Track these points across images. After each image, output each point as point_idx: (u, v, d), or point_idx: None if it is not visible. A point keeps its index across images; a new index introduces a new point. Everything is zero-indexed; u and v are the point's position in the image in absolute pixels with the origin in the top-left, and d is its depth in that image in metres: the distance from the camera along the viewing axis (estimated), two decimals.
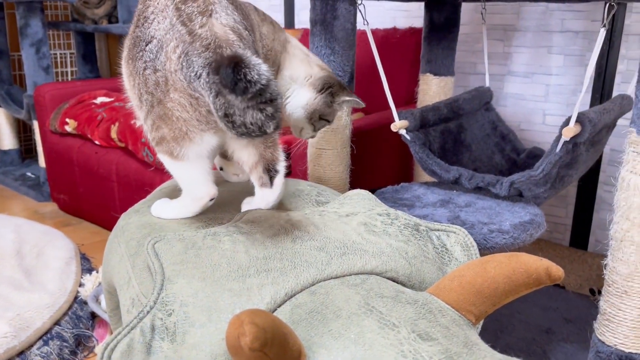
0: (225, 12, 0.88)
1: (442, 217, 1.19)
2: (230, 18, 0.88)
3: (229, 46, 0.83)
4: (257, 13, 1.10)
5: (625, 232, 1.00)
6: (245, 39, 0.88)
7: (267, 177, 0.95)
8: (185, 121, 0.88)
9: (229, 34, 0.85)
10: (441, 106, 1.47)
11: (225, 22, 0.87)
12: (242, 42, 0.85)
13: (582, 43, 1.93)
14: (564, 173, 1.23)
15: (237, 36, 0.86)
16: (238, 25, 0.88)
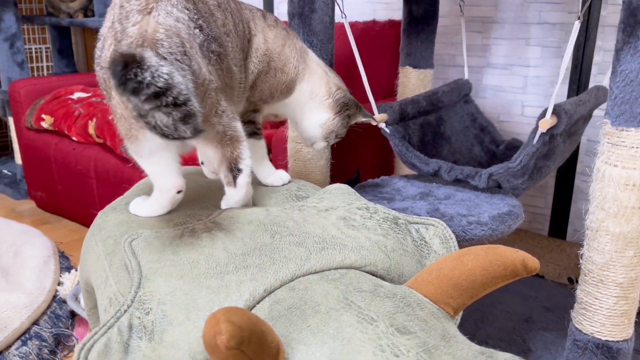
0: (166, 10, 0.85)
1: (421, 209, 1.19)
2: (171, 17, 0.85)
3: (150, 45, 0.80)
4: (266, 18, 1.11)
5: (600, 222, 1.01)
6: (186, 39, 0.84)
7: (231, 176, 0.95)
8: (125, 119, 0.88)
9: (158, 33, 0.82)
10: (420, 99, 1.48)
11: (161, 21, 0.84)
12: (172, 42, 0.82)
13: (559, 35, 1.94)
14: (541, 164, 1.24)
15: (167, 35, 0.82)
16: (180, 25, 0.85)
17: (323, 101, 1.16)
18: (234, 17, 1.01)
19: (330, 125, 1.17)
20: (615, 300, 1.02)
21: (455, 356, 0.59)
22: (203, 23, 0.89)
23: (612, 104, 0.96)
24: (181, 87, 0.76)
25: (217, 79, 0.89)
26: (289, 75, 1.12)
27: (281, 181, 1.15)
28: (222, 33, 0.95)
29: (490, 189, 1.29)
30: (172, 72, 0.75)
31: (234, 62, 0.99)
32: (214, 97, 0.89)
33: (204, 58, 0.86)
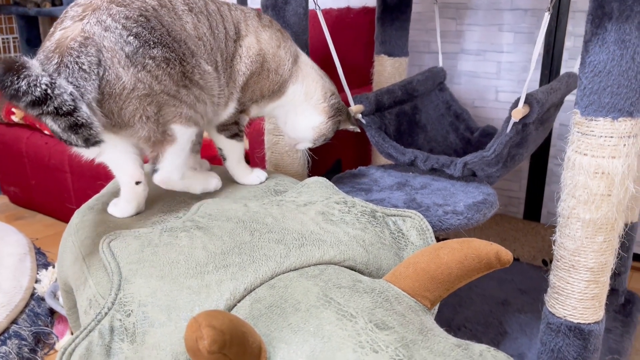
0: (99, 19, 0.86)
1: (398, 200, 1.21)
2: (100, 26, 0.85)
3: (61, 52, 0.82)
4: (260, 20, 1.11)
5: (571, 209, 1.04)
6: (108, 48, 0.85)
7: (151, 169, 0.99)
8: None
9: (74, 42, 0.83)
10: (396, 89, 1.48)
11: (87, 29, 0.85)
12: (84, 51, 0.83)
13: (530, 20, 1.97)
14: (514, 152, 1.27)
15: (82, 45, 0.83)
16: (107, 34, 0.85)
17: (318, 105, 1.19)
18: (211, 20, 1.00)
19: (322, 129, 1.19)
20: (586, 284, 1.05)
21: (432, 350, 0.61)
22: (143, 30, 0.87)
23: (581, 94, 0.98)
24: (64, 98, 0.78)
25: (153, 84, 0.89)
26: (282, 76, 1.13)
27: (258, 180, 1.16)
28: (185, 37, 0.94)
29: (466, 178, 1.32)
30: (56, 82, 0.78)
31: (209, 63, 0.98)
32: (138, 104, 0.89)
33: (132, 66, 0.87)
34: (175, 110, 0.93)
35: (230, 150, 1.14)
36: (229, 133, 1.13)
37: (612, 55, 0.93)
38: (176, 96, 0.92)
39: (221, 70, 1.02)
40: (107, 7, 0.87)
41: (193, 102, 0.95)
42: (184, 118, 0.95)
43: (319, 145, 1.26)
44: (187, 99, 0.94)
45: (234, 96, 1.07)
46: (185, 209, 1.00)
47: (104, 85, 0.85)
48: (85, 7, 0.87)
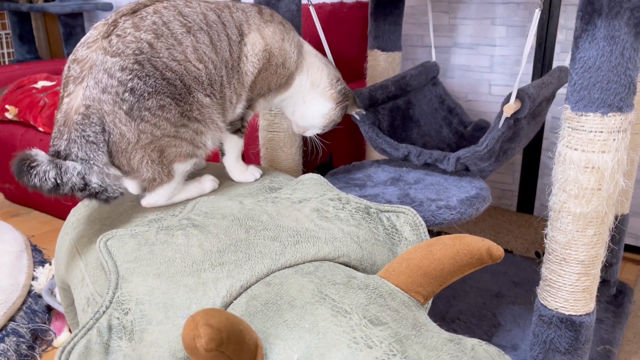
0: (96, 78, 0.90)
1: (392, 195, 1.22)
2: (98, 87, 0.90)
3: (69, 127, 0.90)
4: (262, 15, 1.11)
5: (562, 203, 1.05)
6: (108, 111, 0.91)
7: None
8: None
9: (77, 115, 0.90)
10: (389, 84, 1.49)
11: (88, 94, 0.90)
12: (89, 123, 0.90)
13: (523, 14, 1.97)
14: (507, 147, 1.28)
15: (87, 115, 0.90)
16: (105, 96, 0.90)
17: (325, 92, 1.20)
18: (212, 33, 1.01)
19: (332, 115, 1.21)
20: (578, 276, 1.06)
21: (425, 345, 0.63)
22: (138, 82, 0.91)
23: (571, 90, 1.00)
24: (74, 181, 0.88)
25: (153, 131, 0.94)
26: (289, 69, 1.14)
27: (253, 177, 1.17)
28: (183, 70, 0.95)
29: (459, 172, 1.33)
30: (62, 168, 0.88)
31: (209, 91, 1.00)
32: (143, 152, 0.95)
33: (132, 121, 0.92)
34: (176, 150, 0.98)
35: (231, 146, 1.15)
36: (233, 128, 1.14)
37: (601, 51, 0.94)
38: (176, 136, 0.97)
39: (226, 82, 1.03)
40: (103, 62, 0.90)
41: (192, 137, 0.99)
42: (184, 156, 1.00)
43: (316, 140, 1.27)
44: (186, 136, 0.98)
45: (243, 97, 1.09)
46: (182, 207, 1.01)
47: (111, 146, 0.93)
48: (83, 65, 0.91)
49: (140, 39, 0.92)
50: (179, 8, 0.98)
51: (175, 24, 0.96)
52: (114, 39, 0.91)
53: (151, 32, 0.93)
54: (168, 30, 0.95)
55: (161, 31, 0.94)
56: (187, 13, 0.99)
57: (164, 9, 0.96)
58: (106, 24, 0.94)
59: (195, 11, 1.00)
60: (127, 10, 0.95)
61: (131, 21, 0.92)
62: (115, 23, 0.93)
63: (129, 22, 0.92)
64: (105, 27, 0.93)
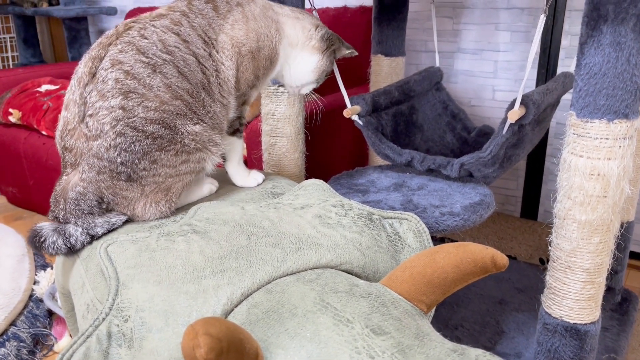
0: (88, 163, 0.94)
1: (395, 201, 1.21)
2: (92, 170, 0.94)
3: (63, 201, 0.96)
4: (218, 11, 1.06)
5: (567, 210, 1.04)
6: (100, 182, 0.94)
7: None
8: None
9: (74, 191, 0.95)
10: (392, 89, 1.49)
11: (85, 177, 0.94)
12: (84, 199, 0.95)
13: (527, 19, 1.97)
14: (511, 153, 1.27)
15: (81, 193, 0.95)
16: (102, 177, 0.94)
17: (306, 46, 1.16)
18: (177, 61, 0.97)
19: (321, 66, 1.17)
20: (583, 285, 1.05)
21: (428, 355, 0.62)
22: (126, 154, 0.92)
23: (577, 96, 0.99)
24: (82, 239, 0.94)
25: (156, 179, 0.96)
26: (269, 47, 1.10)
27: (255, 182, 1.16)
28: (163, 115, 0.94)
29: (462, 178, 1.32)
30: (66, 233, 0.94)
31: (195, 117, 0.98)
32: (146, 199, 0.97)
33: (133, 182, 0.95)
34: (182, 184, 1.00)
35: (231, 149, 1.14)
36: (231, 129, 1.13)
37: (607, 58, 0.93)
38: (179, 174, 0.98)
39: (209, 102, 1.01)
40: (89, 148, 0.92)
41: (195, 167, 1.00)
42: (187, 184, 1.01)
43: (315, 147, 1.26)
44: (189, 169, 0.99)
45: (232, 98, 1.07)
46: (183, 212, 1.01)
47: (112, 207, 0.97)
48: (74, 153, 0.94)
49: (111, 108, 0.91)
50: (135, 44, 0.94)
51: (138, 68, 0.93)
52: (90, 121, 0.91)
53: (118, 94, 0.91)
54: (133, 80, 0.92)
55: (127, 87, 0.92)
56: (145, 47, 0.94)
57: (120, 54, 0.93)
58: (75, 102, 0.93)
59: (152, 40, 0.96)
60: (86, 73, 0.93)
61: (95, 91, 0.91)
62: (83, 99, 0.92)
63: (94, 94, 0.91)
64: (76, 106, 0.93)
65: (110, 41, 0.94)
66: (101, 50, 0.94)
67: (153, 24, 0.98)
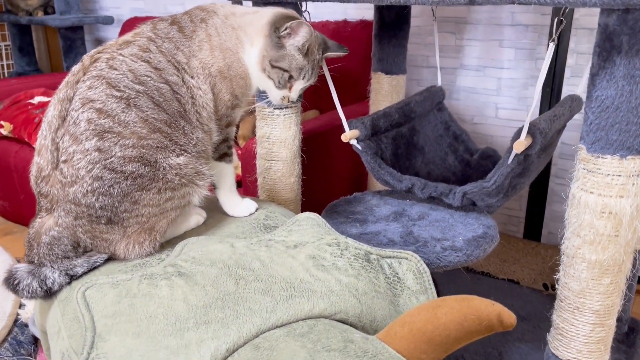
0: (65, 209, 0.89)
1: (395, 233, 1.15)
2: (70, 216, 0.89)
3: (37, 244, 0.91)
4: (183, 32, 0.99)
5: (576, 249, 0.99)
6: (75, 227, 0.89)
7: None
8: None
9: (47, 235, 0.90)
10: (392, 111, 1.43)
11: (60, 222, 0.90)
12: (56, 246, 0.89)
13: (532, 36, 1.91)
14: (516, 182, 1.21)
15: (55, 238, 0.90)
16: (80, 221, 0.89)
17: (254, 34, 1.02)
18: (151, 91, 0.91)
19: (262, 53, 1.01)
20: (592, 327, 1.00)
21: None
22: (104, 198, 0.88)
23: (587, 130, 0.93)
24: (60, 281, 0.88)
25: (140, 220, 0.91)
26: (234, 63, 1.01)
27: (248, 211, 1.10)
28: (142, 151, 0.88)
29: (465, 207, 1.26)
30: (42, 275, 0.88)
31: (176, 149, 0.93)
32: (128, 240, 0.92)
33: (114, 225, 0.89)
34: (167, 221, 0.94)
35: (220, 175, 1.08)
36: (218, 154, 1.07)
37: (620, 91, 0.88)
38: (163, 212, 0.92)
39: (190, 129, 0.95)
40: (64, 195, 0.87)
41: (180, 202, 0.94)
42: (172, 221, 0.95)
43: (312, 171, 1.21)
44: (174, 205, 0.93)
45: (213, 123, 1.01)
46: (169, 247, 0.95)
47: (91, 249, 0.92)
48: (50, 199, 0.89)
49: (86, 151, 0.86)
50: (105, 77, 0.88)
51: (111, 104, 0.87)
52: (64, 168, 0.86)
53: (92, 136, 0.86)
54: (107, 119, 0.87)
55: (101, 126, 0.86)
56: (116, 80, 0.89)
57: (90, 91, 0.87)
58: (47, 148, 0.88)
59: (122, 71, 0.90)
60: (56, 117, 0.87)
61: (67, 135, 0.86)
62: (55, 144, 0.87)
63: (67, 138, 0.86)
64: (48, 153, 0.88)
65: (77, 78, 0.89)
66: (69, 90, 0.88)
67: (121, 53, 0.92)
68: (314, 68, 1.07)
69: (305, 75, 1.05)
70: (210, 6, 1.05)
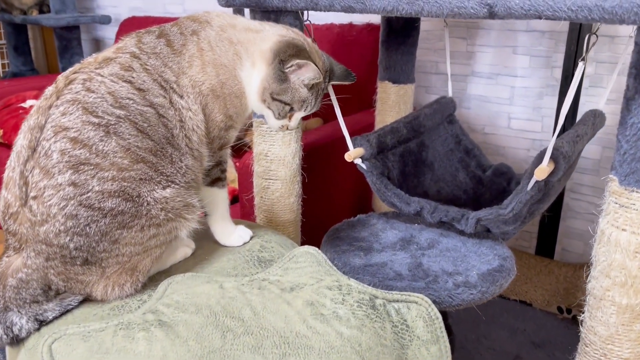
0: (35, 249, 0.79)
1: (402, 265, 1.06)
2: (41, 257, 0.79)
3: (2, 287, 0.80)
4: (172, 46, 0.89)
5: (605, 290, 0.89)
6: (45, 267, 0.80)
7: None
8: None
9: (14, 278, 0.80)
10: (400, 126, 1.33)
11: (30, 263, 0.80)
12: (22, 291, 0.80)
13: (548, 43, 1.81)
14: (535, 208, 1.11)
15: (22, 280, 0.80)
16: (51, 262, 0.79)
17: (257, 58, 0.91)
18: (133, 116, 0.81)
19: (263, 84, 0.91)
20: None
21: None
22: (79, 238, 0.78)
23: (620, 160, 0.83)
24: (28, 327, 0.79)
25: (120, 260, 0.81)
26: (228, 81, 0.91)
27: (242, 240, 1.01)
28: (125, 184, 0.79)
29: (478, 234, 1.17)
30: (9, 323, 0.79)
31: (162, 180, 0.83)
32: (106, 282, 0.83)
33: (91, 265, 0.80)
34: (150, 260, 0.84)
35: (212, 202, 0.98)
36: (209, 179, 0.97)
37: None
38: (147, 250, 0.83)
39: (178, 157, 0.85)
40: (34, 235, 0.78)
41: (166, 239, 0.85)
42: (157, 258, 0.86)
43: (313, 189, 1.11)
44: (159, 242, 0.84)
45: (204, 148, 0.91)
46: (152, 287, 0.86)
47: (64, 291, 0.83)
48: (19, 238, 0.80)
49: (58, 186, 0.76)
50: (81, 102, 0.78)
51: (88, 132, 0.77)
52: (33, 205, 0.76)
53: (66, 168, 0.76)
54: (83, 149, 0.77)
55: (76, 158, 0.76)
56: (94, 104, 0.79)
57: (64, 118, 0.77)
58: (15, 182, 0.78)
59: (101, 94, 0.80)
60: (25, 147, 0.77)
61: (38, 168, 0.76)
62: (24, 178, 0.77)
63: (37, 171, 0.76)
64: (17, 187, 0.78)
65: (50, 103, 0.79)
66: (40, 117, 0.78)
67: (100, 73, 0.82)
68: (318, 98, 0.98)
69: (307, 107, 0.96)
70: (204, 16, 0.95)
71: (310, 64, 0.90)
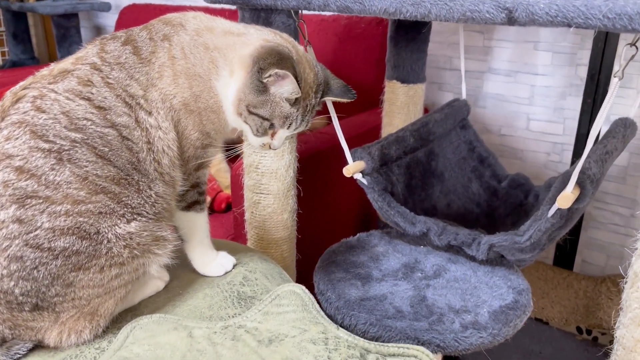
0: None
1: (403, 298, 0.94)
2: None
3: None
4: (139, 54, 0.77)
5: (636, 342, 0.77)
6: None
7: None
8: None
9: None
10: (406, 135, 1.20)
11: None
12: None
13: (573, 39, 1.66)
14: (555, 235, 0.99)
15: None
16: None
17: (235, 64, 0.78)
18: (93, 140, 0.71)
19: (238, 94, 0.78)
20: None
21: None
22: (26, 283, 0.68)
23: None
24: None
25: (76, 303, 0.71)
26: (203, 93, 0.79)
27: (223, 269, 0.89)
28: (83, 219, 0.69)
29: (491, 260, 1.04)
30: None
31: (127, 212, 0.72)
32: (61, 328, 0.72)
33: (43, 312, 0.70)
34: (113, 302, 0.74)
35: (189, 227, 0.87)
36: (185, 203, 0.86)
37: None
38: (108, 292, 0.73)
39: (146, 184, 0.74)
40: None
41: (132, 278, 0.74)
42: (122, 299, 0.75)
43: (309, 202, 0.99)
44: (123, 281, 0.73)
45: (177, 171, 0.80)
46: (114, 332, 0.75)
47: (14, 336, 0.72)
48: None
49: (0, 224, 0.66)
50: (29, 124, 0.68)
51: (36, 160, 0.67)
52: None
53: (9, 203, 0.66)
54: (31, 180, 0.66)
55: (22, 190, 0.66)
56: (45, 126, 0.68)
57: (8, 144, 0.67)
58: None
59: (54, 114, 0.69)
60: None
61: None
62: None
63: None
64: None
65: None
66: None
67: (53, 89, 0.71)
68: (306, 115, 0.83)
69: (291, 124, 0.82)
70: (177, 18, 0.82)
71: (289, 76, 0.76)
